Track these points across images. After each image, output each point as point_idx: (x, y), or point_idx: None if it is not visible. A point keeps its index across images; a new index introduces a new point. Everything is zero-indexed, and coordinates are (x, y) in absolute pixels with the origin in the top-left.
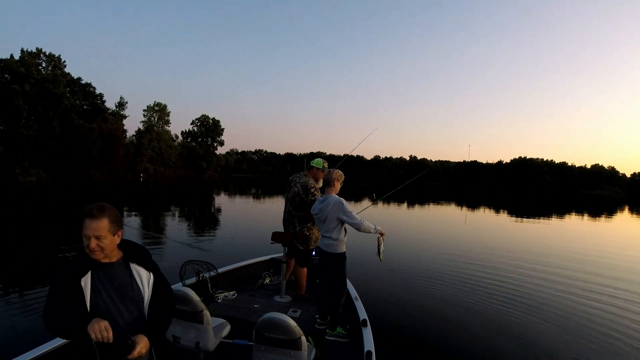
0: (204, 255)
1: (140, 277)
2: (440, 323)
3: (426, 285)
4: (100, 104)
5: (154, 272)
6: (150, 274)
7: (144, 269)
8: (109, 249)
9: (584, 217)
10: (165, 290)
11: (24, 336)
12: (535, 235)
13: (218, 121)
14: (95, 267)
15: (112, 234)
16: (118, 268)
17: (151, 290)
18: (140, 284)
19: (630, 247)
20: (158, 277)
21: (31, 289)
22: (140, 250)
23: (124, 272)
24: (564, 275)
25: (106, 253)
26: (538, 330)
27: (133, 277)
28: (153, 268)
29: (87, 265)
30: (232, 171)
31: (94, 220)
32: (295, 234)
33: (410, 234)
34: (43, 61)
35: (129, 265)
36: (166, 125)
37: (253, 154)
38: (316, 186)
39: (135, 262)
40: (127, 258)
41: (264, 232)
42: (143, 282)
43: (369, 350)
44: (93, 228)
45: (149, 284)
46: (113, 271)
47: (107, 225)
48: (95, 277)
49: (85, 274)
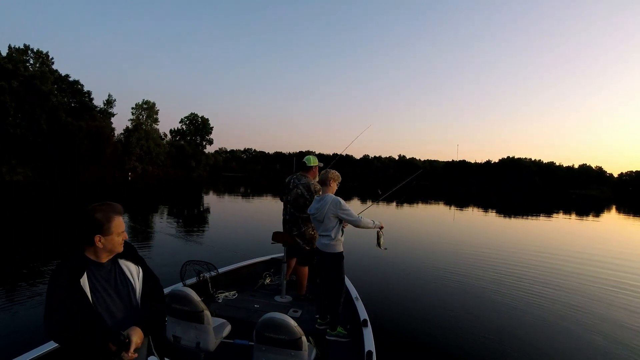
0: (204, 255)
1: (130, 271)
2: (441, 323)
3: (427, 285)
4: (88, 102)
5: (142, 265)
6: (139, 267)
7: (132, 263)
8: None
9: (574, 216)
10: (154, 282)
11: (22, 337)
12: (534, 235)
13: (207, 120)
14: (89, 267)
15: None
16: (109, 266)
17: (141, 283)
18: (131, 278)
19: (621, 246)
20: (146, 270)
21: (28, 287)
22: (126, 246)
23: (114, 269)
24: (563, 276)
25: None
26: (539, 330)
27: (124, 272)
28: (141, 262)
29: (82, 267)
30: (220, 170)
31: (122, 217)
32: (302, 234)
33: (410, 233)
34: (31, 58)
35: (117, 261)
36: (155, 123)
37: (242, 152)
38: (318, 185)
39: (123, 257)
40: (120, 255)
41: (264, 232)
42: (133, 276)
43: (369, 350)
44: (123, 223)
45: (139, 277)
46: (105, 270)
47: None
48: (91, 277)
49: (82, 274)
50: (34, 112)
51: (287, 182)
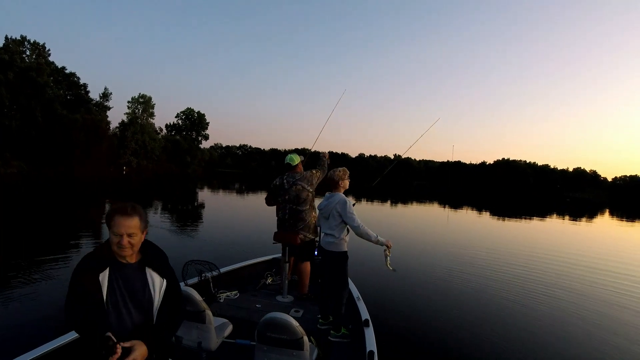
0: (205, 254)
1: (153, 282)
2: (443, 322)
3: (428, 285)
4: (84, 95)
5: (168, 278)
6: (164, 280)
7: (158, 275)
8: (137, 247)
9: (568, 219)
10: (175, 299)
11: (22, 336)
12: (530, 236)
13: (203, 115)
14: (114, 265)
15: (141, 232)
16: (134, 270)
17: (162, 296)
18: (152, 289)
19: (613, 248)
20: (172, 283)
21: (31, 286)
22: (158, 255)
23: (138, 275)
24: (561, 275)
25: (134, 250)
26: (538, 329)
27: (146, 281)
28: (168, 274)
29: (106, 262)
30: (216, 166)
31: (127, 218)
32: (307, 226)
33: (409, 234)
34: (27, 49)
35: (144, 269)
36: (150, 117)
37: (237, 148)
38: (312, 171)
39: (151, 266)
40: (144, 261)
41: (265, 231)
42: (155, 288)
43: (371, 350)
44: (127, 225)
45: (161, 291)
46: (129, 272)
47: (139, 223)
48: (112, 275)
49: (103, 270)
50: (30, 104)
51: (280, 184)
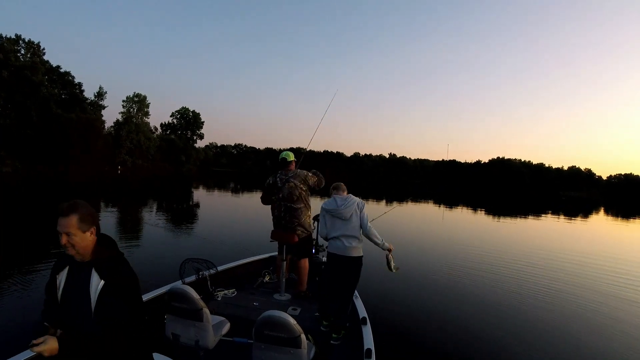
0: (203, 253)
1: (92, 283)
2: (440, 320)
3: (425, 283)
4: (79, 94)
5: (108, 281)
6: (101, 282)
7: (97, 275)
8: (80, 246)
9: (563, 217)
10: (113, 307)
11: (22, 336)
12: (527, 235)
13: (198, 114)
14: (72, 264)
15: (82, 231)
16: (82, 270)
17: (96, 298)
18: (91, 290)
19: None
20: (111, 289)
21: (26, 285)
22: (101, 255)
23: (84, 275)
24: (561, 273)
25: (78, 250)
26: (538, 328)
27: (88, 282)
28: (110, 277)
29: (67, 262)
30: (211, 165)
31: (63, 217)
32: (302, 224)
33: (407, 232)
34: (22, 48)
35: (91, 269)
36: (145, 116)
37: (232, 148)
38: (309, 173)
39: (96, 268)
40: (94, 263)
41: (262, 229)
42: (92, 289)
43: (368, 348)
44: (62, 224)
45: (96, 293)
46: (79, 272)
47: (76, 223)
48: (69, 274)
49: (63, 269)
50: (24, 103)
51: (273, 182)
